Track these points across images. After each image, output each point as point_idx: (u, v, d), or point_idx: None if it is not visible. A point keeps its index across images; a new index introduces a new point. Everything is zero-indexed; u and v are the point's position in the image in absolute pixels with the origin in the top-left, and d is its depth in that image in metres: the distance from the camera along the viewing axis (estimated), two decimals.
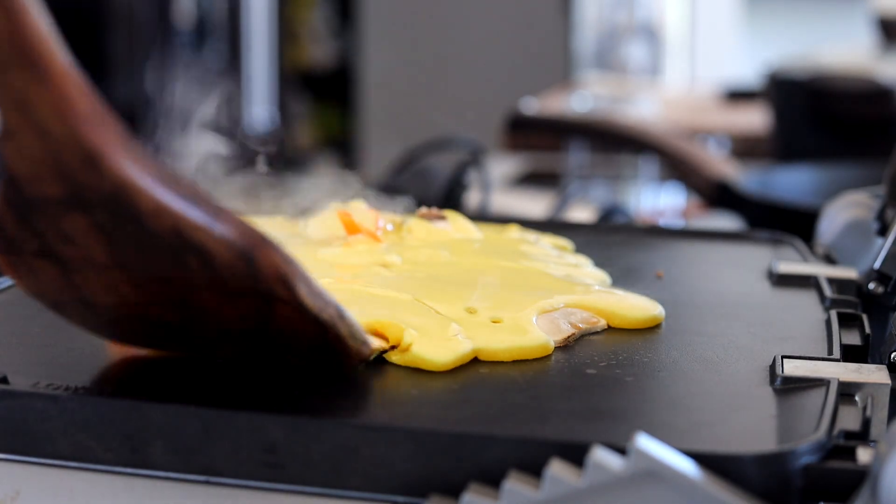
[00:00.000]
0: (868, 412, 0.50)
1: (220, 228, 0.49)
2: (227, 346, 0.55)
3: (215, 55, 2.65)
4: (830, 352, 0.59)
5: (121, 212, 0.49)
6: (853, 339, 0.61)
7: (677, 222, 1.47)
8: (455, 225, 0.75)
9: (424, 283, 0.65)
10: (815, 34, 3.33)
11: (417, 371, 0.56)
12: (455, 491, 0.46)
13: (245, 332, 0.54)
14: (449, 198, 1.08)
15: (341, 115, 3.48)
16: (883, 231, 0.73)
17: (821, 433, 0.47)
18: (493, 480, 0.46)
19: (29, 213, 0.50)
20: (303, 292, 0.51)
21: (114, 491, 0.50)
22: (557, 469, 0.45)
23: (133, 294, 0.53)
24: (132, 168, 0.48)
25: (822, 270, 0.72)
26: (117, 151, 0.48)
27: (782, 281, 0.72)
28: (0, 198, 0.50)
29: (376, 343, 0.57)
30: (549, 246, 0.76)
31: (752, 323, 0.64)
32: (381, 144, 3.21)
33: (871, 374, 0.54)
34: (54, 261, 0.52)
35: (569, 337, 0.60)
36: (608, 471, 0.45)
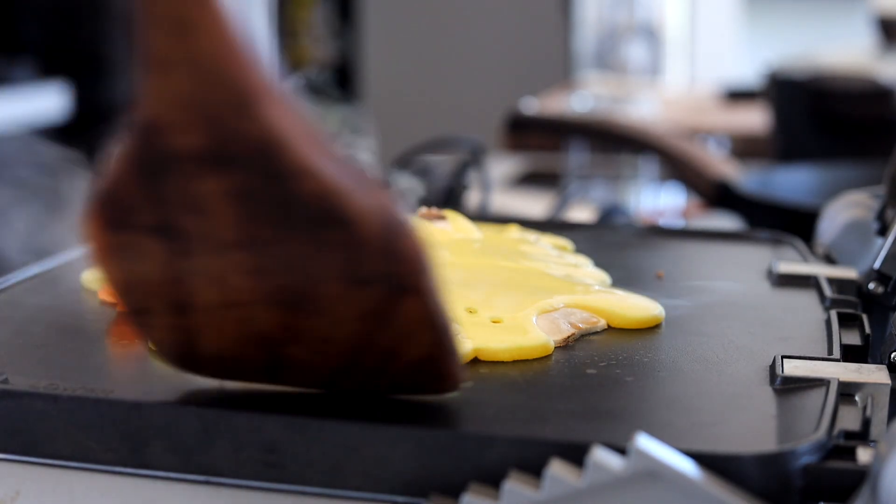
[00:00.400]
0: (868, 412, 0.50)
1: (366, 197, 0.44)
2: (323, 367, 0.50)
3: None
4: (830, 352, 0.59)
5: (265, 170, 0.44)
6: (853, 339, 0.61)
7: (677, 222, 1.47)
8: (455, 225, 0.75)
9: None
10: (815, 34, 3.33)
11: None
12: (455, 491, 0.46)
13: (354, 338, 0.48)
14: (449, 198, 1.08)
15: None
16: (883, 231, 0.73)
17: (821, 433, 0.47)
18: (493, 480, 0.46)
19: (159, 171, 0.44)
20: (434, 287, 0.47)
21: (114, 491, 0.50)
22: (557, 469, 0.45)
23: (245, 287, 0.47)
24: (283, 118, 0.43)
25: (822, 270, 0.72)
26: (270, 97, 0.43)
27: (782, 281, 0.72)
28: (126, 157, 0.45)
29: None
30: (549, 246, 0.76)
31: (752, 323, 0.64)
32: (381, 144, 3.21)
33: (871, 374, 0.54)
34: (168, 238, 0.46)
35: (569, 337, 0.60)
36: (608, 471, 0.45)
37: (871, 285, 0.68)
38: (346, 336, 0.48)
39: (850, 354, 0.59)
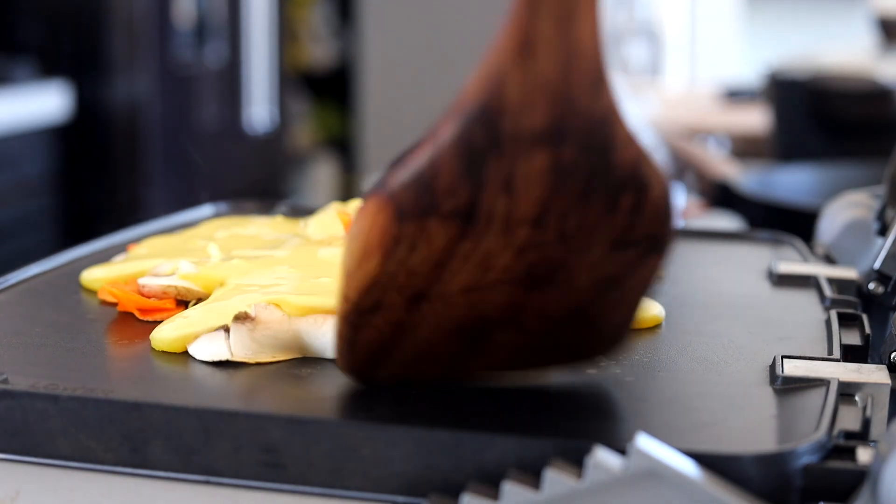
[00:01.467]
0: (868, 412, 0.50)
1: (656, 165, 0.48)
2: (522, 347, 0.53)
3: (215, 55, 2.65)
4: (830, 352, 0.59)
5: (595, 143, 0.47)
6: (853, 339, 0.61)
7: (677, 222, 1.47)
8: None
9: None
10: (815, 34, 3.33)
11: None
12: (455, 491, 0.46)
13: (571, 310, 0.51)
14: None
15: (341, 115, 3.48)
16: (883, 231, 0.73)
17: (821, 433, 0.47)
18: (493, 480, 0.46)
19: (487, 154, 0.46)
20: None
21: (114, 491, 0.50)
22: (557, 469, 0.45)
23: (502, 267, 0.49)
24: (616, 95, 0.47)
25: (822, 270, 0.72)
26: (610, 76, 0.47)
27: (782, 281, 0.72)
28: (449, 144, 0.46)
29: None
30: None
31: (752, 323, 0.64)
32: (381, 144, 3.21)
33: (871, 374, 0.54)
34: (463, 221, 0.48)
35: None
36: (608, 471, 0.45)
37: (871, 285, 0.68)
38: (565, 309, 0.51)
39: (850, 354, 0.59)
